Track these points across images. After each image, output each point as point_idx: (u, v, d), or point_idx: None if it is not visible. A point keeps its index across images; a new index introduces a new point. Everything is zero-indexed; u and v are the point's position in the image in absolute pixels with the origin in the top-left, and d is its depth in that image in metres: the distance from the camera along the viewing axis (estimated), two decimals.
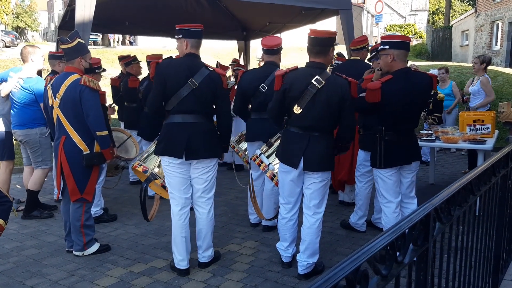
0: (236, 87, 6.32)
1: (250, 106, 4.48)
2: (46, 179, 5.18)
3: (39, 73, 5.04)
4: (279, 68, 4.25)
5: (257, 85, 4.21)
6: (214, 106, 3.52)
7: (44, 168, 4.96)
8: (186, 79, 3.33)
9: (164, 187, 3.71)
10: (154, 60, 3.46)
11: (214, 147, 3.52)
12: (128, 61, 6.15)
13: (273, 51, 4.29)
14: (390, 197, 3.66)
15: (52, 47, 8.95)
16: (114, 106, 6.25)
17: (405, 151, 3.59)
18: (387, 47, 3.47)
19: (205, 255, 3.60)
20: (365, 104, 3.50)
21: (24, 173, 5.29)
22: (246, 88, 4.29)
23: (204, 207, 3.54)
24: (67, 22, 6.80)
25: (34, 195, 4.97)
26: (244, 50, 9.79)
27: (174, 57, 3.62)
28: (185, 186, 3.47)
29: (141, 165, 3.94)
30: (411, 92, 3.45)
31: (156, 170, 3.88)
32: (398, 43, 3.48)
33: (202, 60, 3.49)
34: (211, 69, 3.45)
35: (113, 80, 6.59)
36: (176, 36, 3.46)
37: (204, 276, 3.45)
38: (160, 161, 3.74)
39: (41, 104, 4.70)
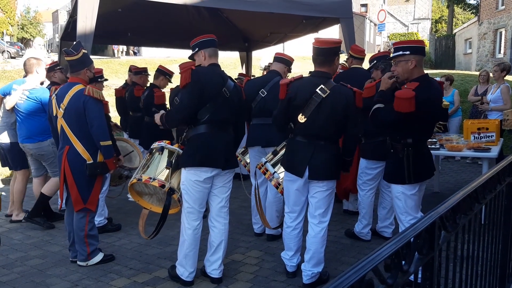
0: None
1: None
2: None
3: (42, 84, 5.04)
4: (282, 77, 4.30)
5: (258, 90, 4.31)
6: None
7: None
8: (220, 88, 3.33)
9: (179, 201, 3.53)
10: (187, 67, 3.28)
11: (235, 156, 3.64)
12: (139, 71, 6.20)
13: (282, 59, 4.43)
14: (415, 213, 3.39)
15: (56, 58, 9.02)
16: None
17: (430, 163, 3.39)
18: (408, 52, 3.18)
19: (221, 269, 3.50)
20: (394, 115, 3.10)
21: (34, 184, 5.23)
22: (248, 93, 4.36)
23: (225, 217, 3.52)
24: (70, 33, 6.84)
25: (45, 200, 4.92)
26: (246, 61, 9.81)
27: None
28: (206, 199, 3.45)
29: (154, 179, 3.49)
30: (438, 99, 3.27)
31: (173, 183, 3.56)
32: (418, 48, 3.22)
33: None
34: (233, 80, 3.53)
35: (117, 91, 6.61)
36: (192, 52, 3.45)
37: (208, 286, 3.44)
38: (171, 174, 3.56)
39: None
